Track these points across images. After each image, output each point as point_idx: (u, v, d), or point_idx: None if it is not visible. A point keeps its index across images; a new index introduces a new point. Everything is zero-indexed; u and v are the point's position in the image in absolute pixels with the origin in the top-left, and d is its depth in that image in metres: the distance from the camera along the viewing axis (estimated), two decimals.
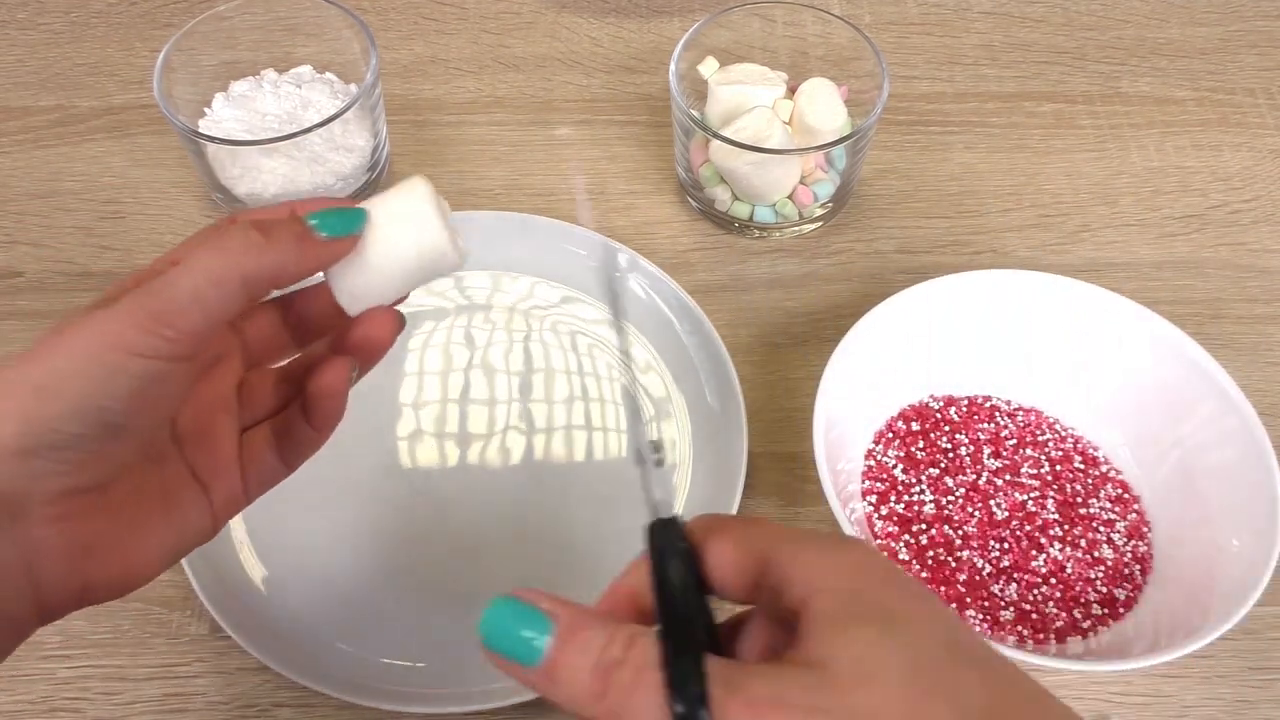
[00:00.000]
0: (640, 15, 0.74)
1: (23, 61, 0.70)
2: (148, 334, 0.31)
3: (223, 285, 0.31)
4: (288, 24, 0.63)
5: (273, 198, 0.59)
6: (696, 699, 0.25)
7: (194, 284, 0.31)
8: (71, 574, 0.32)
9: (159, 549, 0.35)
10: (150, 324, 0.31)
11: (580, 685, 0.26)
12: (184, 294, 0.31)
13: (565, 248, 0.58)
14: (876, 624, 0.27)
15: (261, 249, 0.32)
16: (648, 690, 0.26)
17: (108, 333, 0.30)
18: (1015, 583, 0.49)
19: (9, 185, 0.64)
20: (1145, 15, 0.74)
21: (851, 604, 0.28)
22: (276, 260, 0.32)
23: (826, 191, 0.60)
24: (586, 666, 0.26)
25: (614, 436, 0.54)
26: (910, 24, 0.73)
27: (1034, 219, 0.63)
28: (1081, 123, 0.68)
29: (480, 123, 0.67)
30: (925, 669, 0.26)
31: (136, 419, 0.32)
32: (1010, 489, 0.51)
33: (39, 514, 0.31)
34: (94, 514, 0.32)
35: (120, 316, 0.31)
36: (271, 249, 0.32)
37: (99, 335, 0.30)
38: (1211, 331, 0.58)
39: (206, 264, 0.31)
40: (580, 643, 0.26)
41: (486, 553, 0.51)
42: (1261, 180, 0.65)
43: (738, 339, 0.57)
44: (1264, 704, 0.47)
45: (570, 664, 0.26)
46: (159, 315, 0.31)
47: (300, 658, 0.46)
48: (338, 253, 0.34)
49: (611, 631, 0.27)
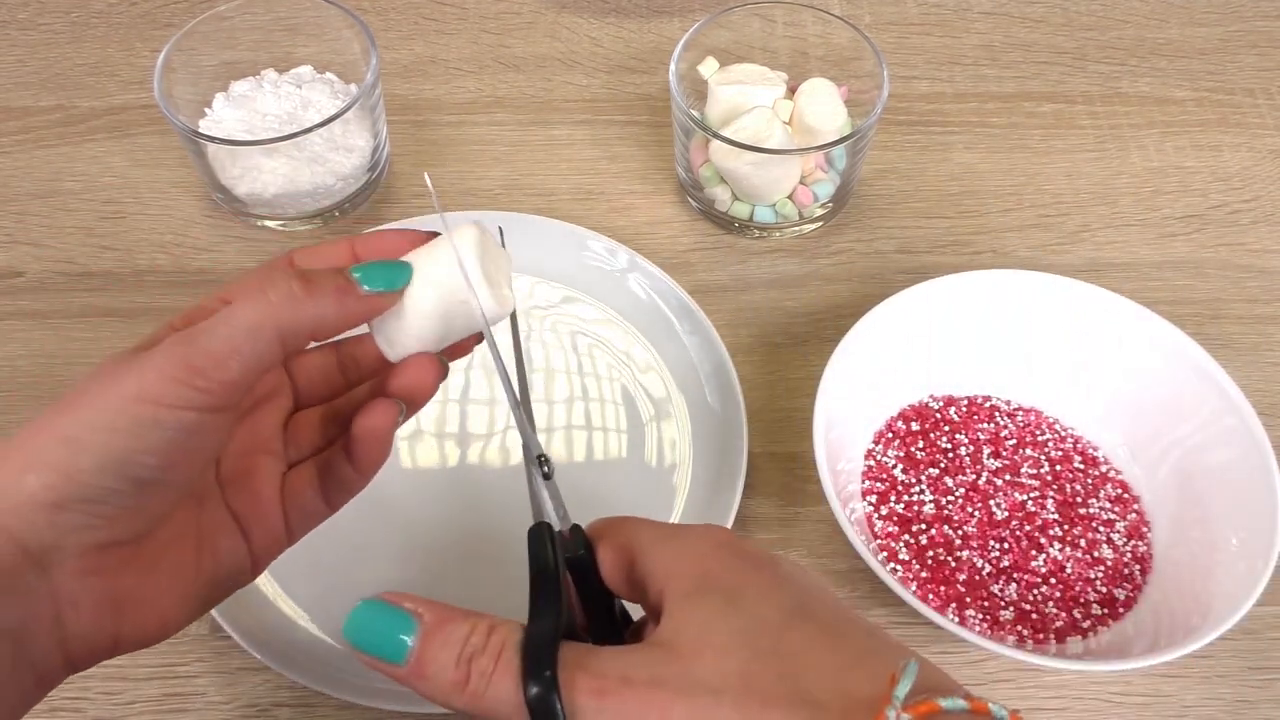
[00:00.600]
0: (640, 15, 0.74)
1: (23, 62, 0.70)
2: (180, 385, 0.30)
3: (259, 337, 0.31)
4: (288, 24, 0.63)
5: (273, 198, 0.59)
6: (549, 681, 0.26)
7: (230, 334, 0.30)
8: (100, 627, 0.31)
9: (194, 599, 0.34)
10: (183, 375, 0.30)
11: (446, 678, 0.27)
12: (220, 344, 0.30)
13: (565, 248, 0.58)
14: (719, 598, 0.29)
15: (300, 302, 0.31)
16: (504, 676, 0.27)
17: (139, 384, 0.30)
18: (1015, 583, 0.49)
19: (10, 185, 0.64)
20: (1145, 15, 0.74)
21: (699, 584, 0.29)
22: (315, 314, 0.32)
23: (826, 191, 0.60)
24: (450, 659, 0.27)
25: (614, 436, 0.54)
26: (910, 24, 0.73)
27: (1034, 219, 0.63)
28: (1081, 123, 0.68)
29: (480, 123, 0.67)
30: (762, 633, 0.28)
31: (172, 473, 0.31)
32: (1010, 489, 0.51)
33: (69, 567, 0.30)
34: (125, 568, 0.32)
35: (153, 367, 0.30)
36: (311, 302, 0.31)
37: (129, 386, 0.30)
38: (1211, 331, 0.58)
39: (244, 314, 0.31)
40: (443, 637, 0.27)
41: (486, 552, 0.51)
42: (1261, 180, 0.65)
43: (738, 339, 0.57)
44: (1264, 704, 0.47)
45: (435, 659, 0.27)
46: (192, 366, 0.30)
47: (300, 658, 0.46)
48: (378, 307, 0.33)
49: (473, 623, 0.28)
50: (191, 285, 0.60)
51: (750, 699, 0.26)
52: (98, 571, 0.31)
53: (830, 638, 0.28)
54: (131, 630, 0.32)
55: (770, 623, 0.28)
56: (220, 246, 0.61)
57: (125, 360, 0.31)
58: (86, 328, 0.58)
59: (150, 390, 0.30)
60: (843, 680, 0.27)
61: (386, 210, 0.63)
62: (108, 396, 0.30)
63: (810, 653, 0.27)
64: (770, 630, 0.28)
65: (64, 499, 0.29)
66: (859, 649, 0.28)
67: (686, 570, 0.30)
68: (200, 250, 0.61)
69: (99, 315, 0.59)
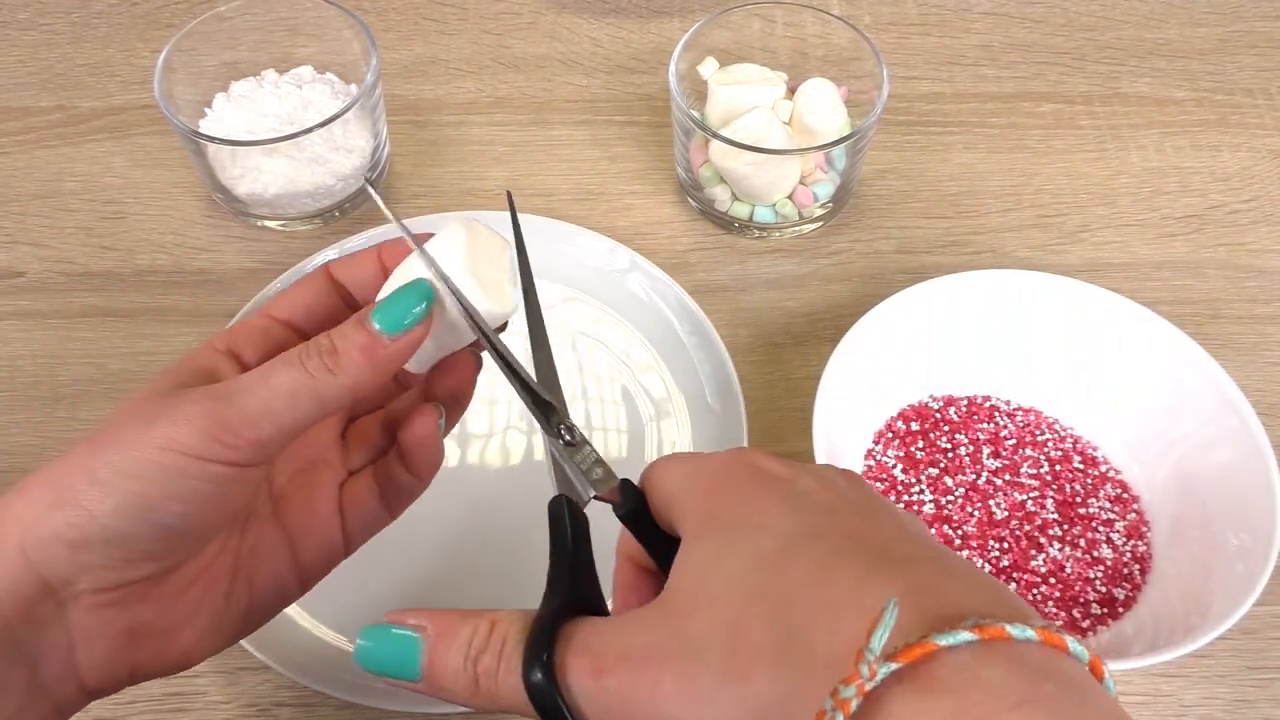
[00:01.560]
0: (640, 15, 0.74)
1: (24, 62, 0.70)
2: (211, 441, 0.30)
3: (296, 405, 0.31)
4: (288, 24, 0.63)
5: (273, 198, 0.59)
6: (546, 667, 0.26)
7: (269, 398, 0.30)
8: (115, 658, 0.31)
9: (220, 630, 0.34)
10: (216, 430, 0.30)
11: (460, 683, 0.27)
12: (256, 406, 0.30)
13: (565, 248, 0.58)
14: (719, 539, 0.27)
15: (334, 375, 0.31)
16: (509, 670, 0.27)
17: (170, 435, 0.30)
18: (1015, 582, 0.49)
19: (10, 185, 0.64)
20: (1144, 16, 0.74)
21: (704, 523, 0.28)
22: (351, 384, 0.31)
23: (826, 192, 0.60)
24: (459, 664, 0.27)
25: (614, 436, 0.54)
26: (910, 24, 0.73)
27: (1033, 219, 0.63)
28: (1081, 123, 0.68)
29: (480, 123, 0.67)
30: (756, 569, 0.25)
31: (196, 521, 0.31)
32: (1010, 489, 0.51)
33: (84, 602, 0.30)
34: (143, 602, 0.32)
35: (186, 418, 0.30)
36: (344, 374, 0.31)
37: (159, 435, 0.30)
38: (1210, 331, 0.58)
39: (282, 380, 0.31)
40: (447, 644, 0.27)
41: (487, 552, 0.51)
42: (1260, 180, 0.65)
43: (738, 339, 0.57)
44: (1263, 703, 0.47)
45: (445, 667, 0.27)
46: (226, 423, 0.30)
47: (300, 658, 0.46)
48: (411, 344, 0.33)
49: (474, 625, 0.28)
50: (191, 285, 0.60)
51: (735, 656, 0.24)
52: (113, 605, 0.31)
53: (838, 559, 0.25)
54: (149, 660, 0.32)
55: (766, 554, 0.26)
56: (220, 247, 0.62)
57: (159, 401, 0.31)
58: (87, 328, 0.58)
59: (180, 442, 0.30)
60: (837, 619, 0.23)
61: None
62: (138, 442, 0.30)
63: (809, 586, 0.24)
64: (766, 564, 0.25)
65: (86, 538, 0.29)
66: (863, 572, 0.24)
67: (697, 507, 0.28)
68: (200, 250, 0.61)
69: (99, 315, 0.59)
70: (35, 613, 0.30)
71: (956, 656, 0.22)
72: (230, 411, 0.30)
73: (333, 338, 0.32)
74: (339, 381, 0.31)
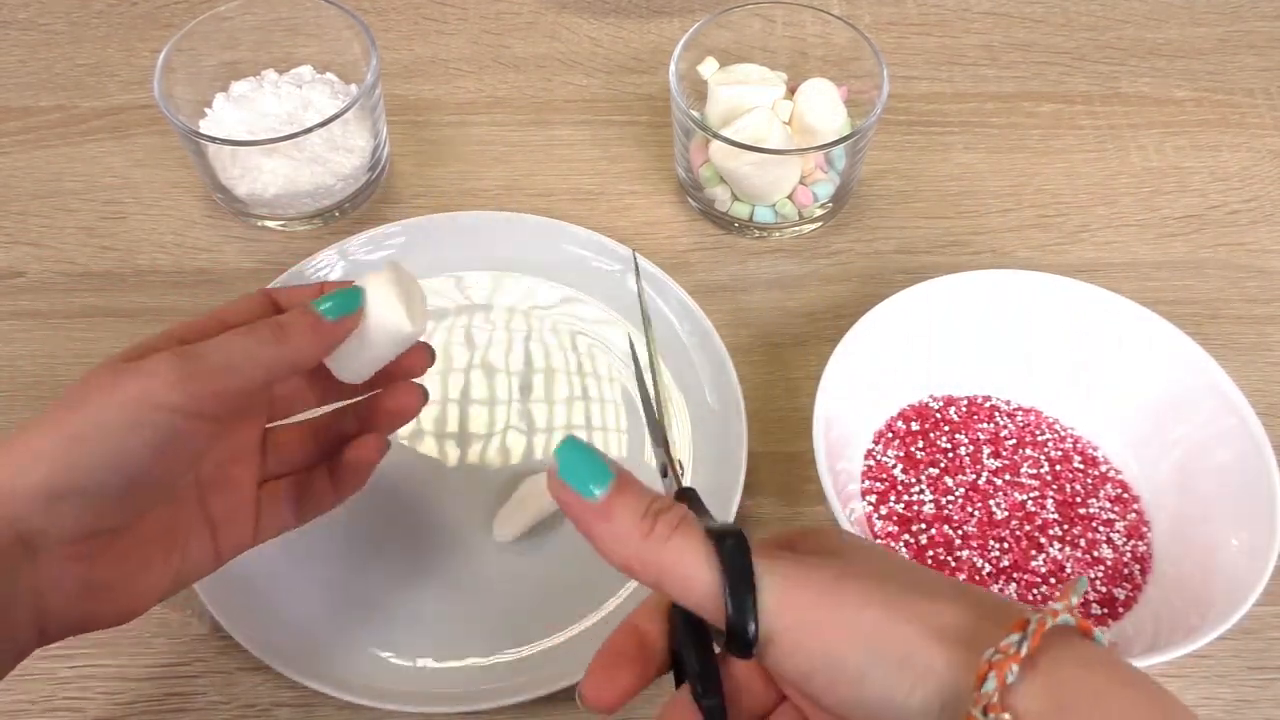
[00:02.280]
0: (640, 15, 0.74)
1: (24, 62, 0.70)
2: (179, 391, 0.34)
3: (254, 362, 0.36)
4: (288, 24, 0.63)
5: (273, 198, 0.59)
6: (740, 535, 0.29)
7: (228, 354, 0.36)
8: (74, 608, 0.35)
9: (158, 587, 0.38)
10: (184, 381, 0.34)
11: (629, 522, 0.29)
12: (220, 360, 0.35)
13: (565, 248, 0.58)
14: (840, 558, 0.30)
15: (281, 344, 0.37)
16: (688, 529, 0.28)
17: (143, 386, 0.34)
18: (1015, 582, 0.49)
19: (10, 185, 0.64)
20: (1144, 16, 0.74)
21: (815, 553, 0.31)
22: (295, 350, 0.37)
23: (826, 192, 0.60)
24: (637, 510, 0.29)
25: (614, 436, 0.54)
26: (910, 24, 0.73)
27: (1033, 219, 0.63)
28: (1081, 123, 0.68)
29: (480, 123, 0.67)
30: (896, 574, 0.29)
31: (158, 470, 0.35)
32: (1010, 489, 0.51)
33: (56, 553, 0.34)
34: (104, 556, 0.35)
35: (155, 372, 0.34)
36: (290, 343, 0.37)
37: (132, 388, 0.34)
38: (1210, 331, 0.58)
39: (240, 343, 0.36)
40: (633, 493, 0.29)
41: (487, 553, 0.51)
42: (1260, 180, 0.65)
43: (738, 339, 0.57)
44: (1263, 704, 0.47)
45: (625, 504, 0.29)
46: (194, 374, 0.34)
47: (300, 658, 0.46)
48: (347, 329, 0.39)
49: (657, 494, 0.30)
50: (191, 285, 0.60)
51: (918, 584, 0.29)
52: (79, 558, 0.35)
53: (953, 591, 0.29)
54: (102, 612, 0.36)
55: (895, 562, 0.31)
56: (220, 246, 0.62)
57: (125, 365, 0.35)
58: (87, 328, 0.58)
59: (153, 391, 0.34)
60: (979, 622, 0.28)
61: (386, 210, 0.63)
62: (111, 396, 0.34)
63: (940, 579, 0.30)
64: (903, 575, 0.29)
65: (63, 490, 0.33)
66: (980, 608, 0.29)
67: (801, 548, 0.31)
68: (200, 250, 0.61)
69: (99, 315, 0.59)
70: (6, 564, 0.33)
71: (1064, 635, 0.26)
72: (197, 365, 0.35)
73: (279, 319, 0.38)
74: (285, 350, 0.37)
